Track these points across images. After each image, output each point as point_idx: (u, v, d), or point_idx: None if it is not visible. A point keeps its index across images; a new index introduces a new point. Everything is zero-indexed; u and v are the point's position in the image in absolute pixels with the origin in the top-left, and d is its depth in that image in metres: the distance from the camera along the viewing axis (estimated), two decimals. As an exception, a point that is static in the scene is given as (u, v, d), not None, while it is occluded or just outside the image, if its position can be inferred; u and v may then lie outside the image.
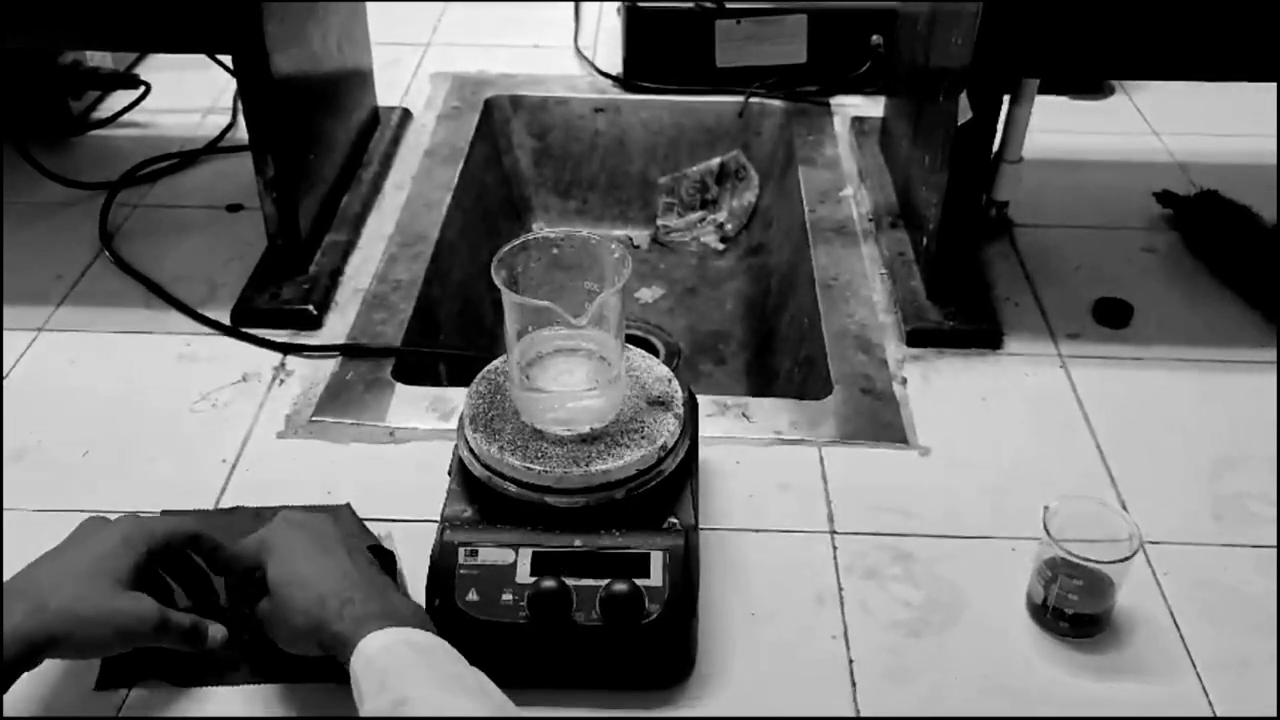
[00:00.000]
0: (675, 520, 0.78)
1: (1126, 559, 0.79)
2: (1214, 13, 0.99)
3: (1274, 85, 1.06)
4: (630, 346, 0.85)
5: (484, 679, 0.67)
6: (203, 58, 1.30)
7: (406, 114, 1.51)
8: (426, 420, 1.01)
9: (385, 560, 0.84)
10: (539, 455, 0.77)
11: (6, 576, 0.70)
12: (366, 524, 0.88)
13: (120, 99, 1.47)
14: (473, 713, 0.64)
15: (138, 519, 0.76)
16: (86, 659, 0.73)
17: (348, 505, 0.89)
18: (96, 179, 1.33)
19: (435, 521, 0.79)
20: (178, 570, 0.78)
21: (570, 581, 0.74)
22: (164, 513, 0.88)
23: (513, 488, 0.77)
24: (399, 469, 0.96)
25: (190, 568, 0.79)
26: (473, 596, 0.75)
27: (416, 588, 0.79)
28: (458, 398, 1.02)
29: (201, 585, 0.79)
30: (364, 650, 0.67)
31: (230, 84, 1.47)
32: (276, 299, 1.14)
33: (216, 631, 0.75)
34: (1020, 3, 0.98)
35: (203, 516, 0.90)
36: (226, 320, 1.12)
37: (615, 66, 1.61)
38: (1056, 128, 1.41)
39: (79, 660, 0.75)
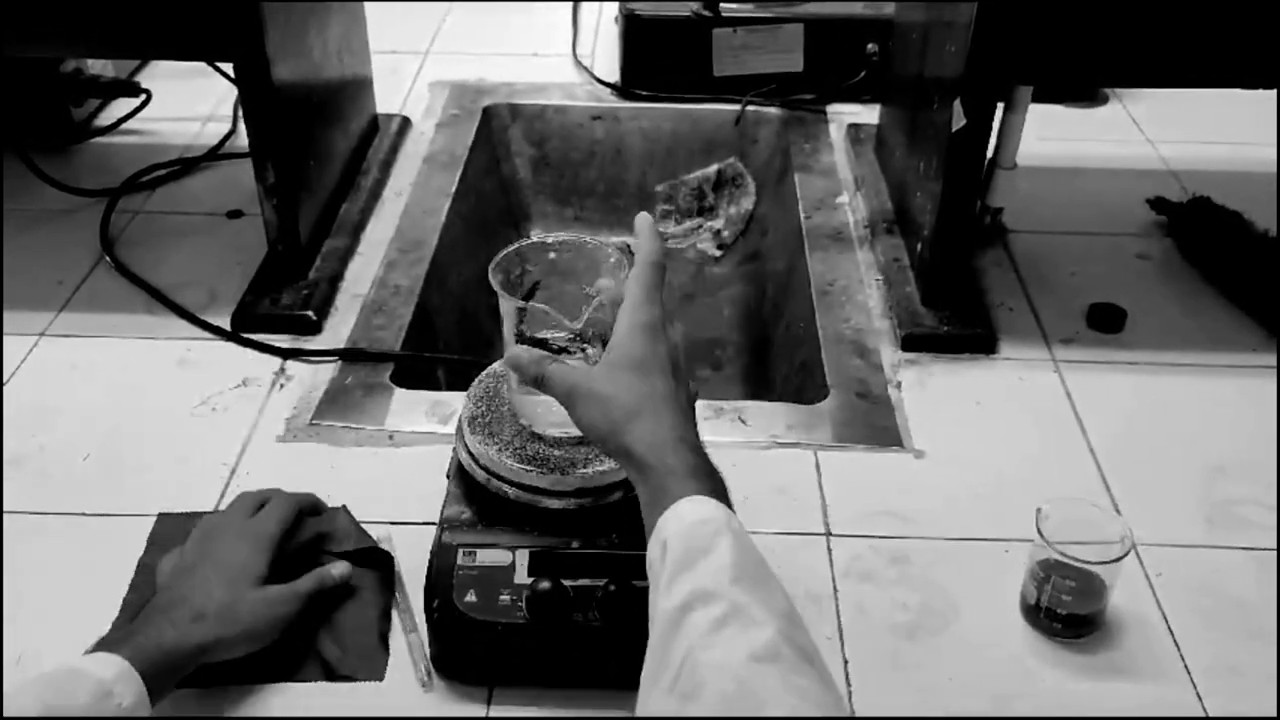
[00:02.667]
0: (672, 522, 0.78)
1: (1118, 560, 0.80)
2: (1206, 20, 1.00)
3: (1265, 93, 1.07)
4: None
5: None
6: (203, 66, 1.31)
7: (406, 122, 1.52)
8: (425, 424, 1.02)
9: (383, 562, 0.85)
10: (537, 458, 0.78)
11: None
12: (365, 526, 0.88)
13: (121, 107, 1.48)
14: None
15: (254, 523, 0.82)
16: (240, 655, 0.76)
17: (343, 508, 0.90)
18: (98, 186, 1.33)
19: (434, 524, 0.80)
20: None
21: (568, 582, 0.75)
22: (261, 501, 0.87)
23: (511, 490, 0.78)
24: (398, 472, 0.97)
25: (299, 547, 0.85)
26: (471, 597, 0.76)
27: (415, 589, 0.80)
28: (456, 402, 1.03)
29: (310, 552, 0.85)
30: (687, 510, 0.64)
31: (230, 92, 1.48)
32: (276, 304, 1.15)
33: (338, 570, 0.82)
34: (1013, 11, 0.99)
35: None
36: (227, 326, 1.13)
37: (613, 75, 1.62)
38: (1051, 135, 1.42)
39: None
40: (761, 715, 0.54)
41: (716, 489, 0.66)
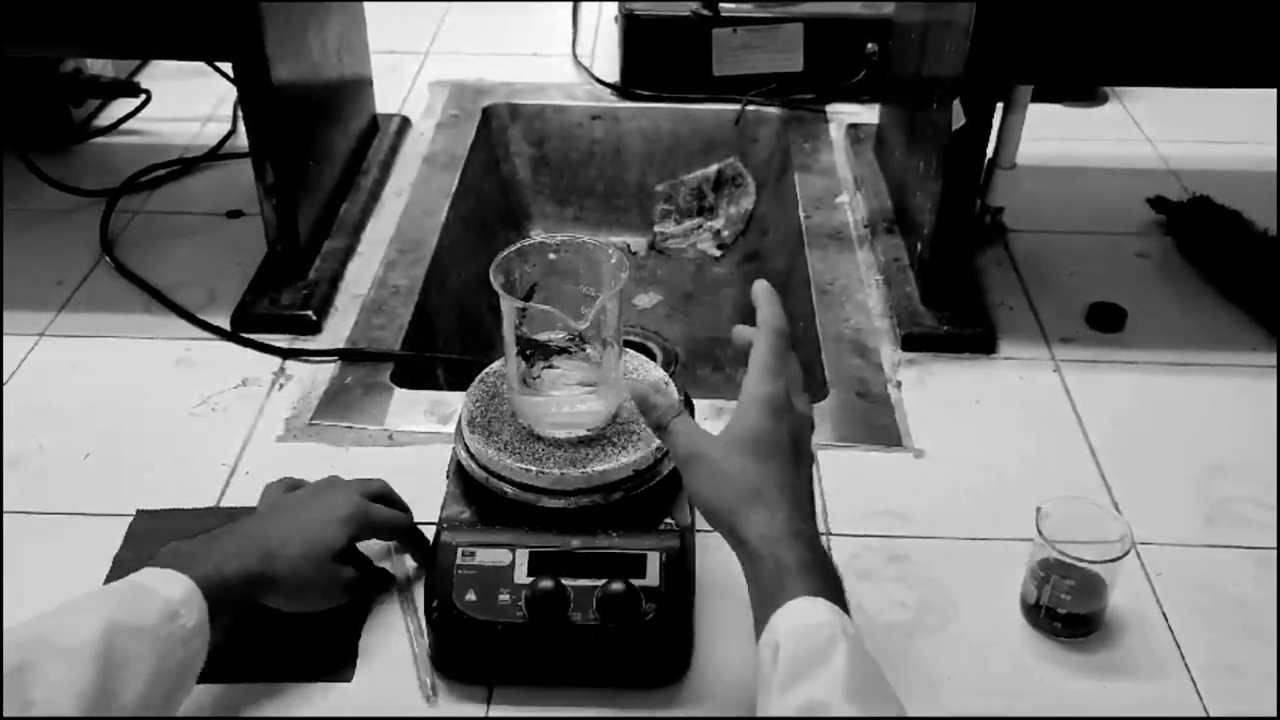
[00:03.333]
0: (671, 521, 0.78)
1: (1118, 559, 0.80)
2: (1205, 19, 1.00)
3: (1265, 91, 1.07)
4: (627, 350, 0.86)
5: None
6: (202, 66, 1.31)
7: (405, 121, 1.52)
8: (425, 424, 1.02)
9: (380, 581, 0.85)
10: (536, 457, 0.78)
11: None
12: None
13: (121, 107, 1.48)
14: None
15: (357, 501, 0.81)
16: (290, 609, 0.77)
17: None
18: (97, 186, 1.33)
19: (434, 523, 0.80)
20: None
21: (567, 582, 0.75)
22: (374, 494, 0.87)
23: (510, 489, 0.78)
24: (398, 472, 0.96)
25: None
26: (471, 597, 0.76)
27: (415, 588, 0.80)
28: (456, 401, 1.03)
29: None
30: (803, 612, 0.63)
31: (230, 92, 1.48)
32: (276, 304, 1.15)
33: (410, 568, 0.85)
34: (1012, 11, 0.99)
35: (209, 514, 0.91)
36: (226, 325, 1.13)
37: (613, 75, 1.62)
38: (1050, 134, 1.41)
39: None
40: None
41: (830, 588, 0.65)
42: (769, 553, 0.65)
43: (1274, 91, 1.08)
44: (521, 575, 0.76)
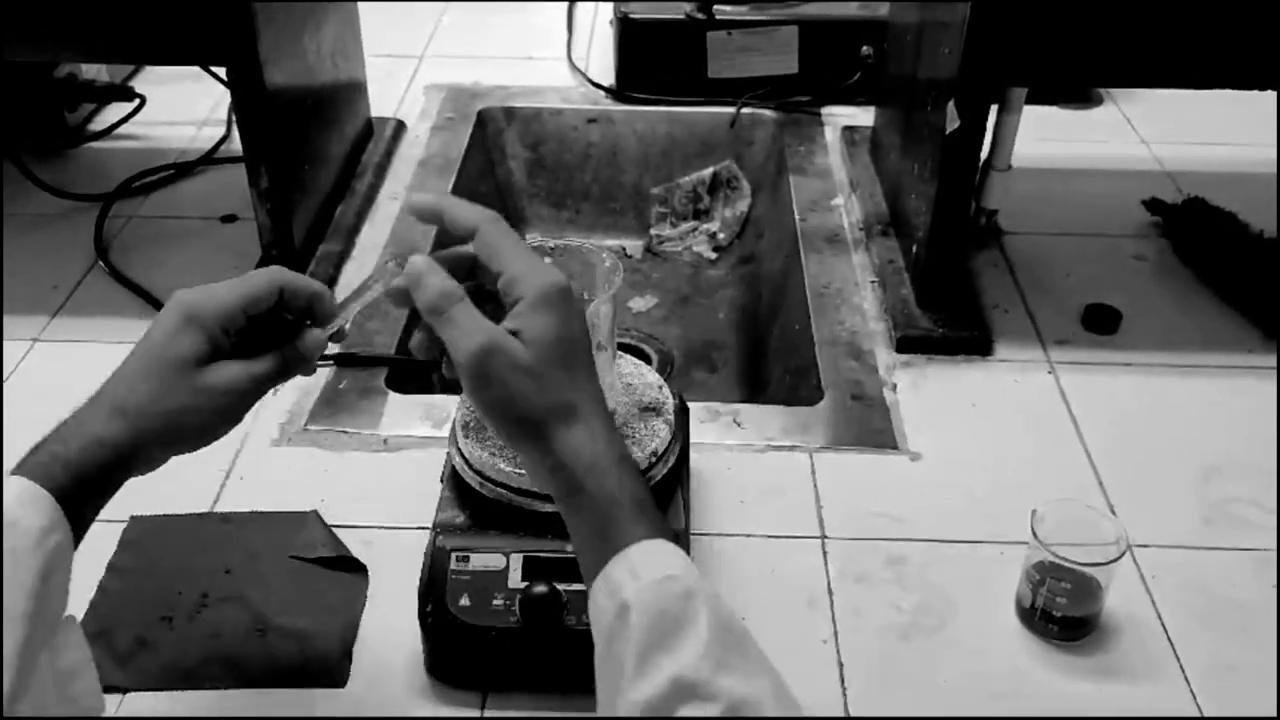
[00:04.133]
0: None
1: (1113, 561, 0.80)
2: (1200, 21, 1.00)
3: (1259, 93, 1.07)
4: (623, 354, 0.86)
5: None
6: (197, 70, 1.31)
7: (400, 125, 1.52)
8: (419, 428, 1.02)
9: (356, 570, 0.85)
10: (530, 461, 0.78)
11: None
12: (358, 532, 0.88)
13: (115, 111, 1.48)
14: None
15: (192, 292, 0.65)
16: (180, 452, 0.65)
17: (314, 513, 0.90)
18: (92, 190, 1.33)
19: (428, 528, 0.80)
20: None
21: (561, 586, 0.75)
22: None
23: (504, 494, 0.78)
24: (392, 477, 0.96)
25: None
26: (465, 601, 0.75)
27: (409, 593, 0.79)
28: (450, 406, 1.03)
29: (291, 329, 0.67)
30: (645, 566, 0.56)
31: (225, 96, 1.47)
32: (271, 309, 1.15)
33: (310, 341, 0.66)
34: (1006, 13, 0.99)
35: (203, 519, 0.91)
36: (221, 330, 1.13)
37: (608, 78, 1.62)
38: (1046, 136, 1.42)
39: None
40: None
41: (663, 525, 0.59)
42: (596, 484, 0.57)
43: (1266, 93, 1.08)
44: (516, 580, 0.76)
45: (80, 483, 0.61)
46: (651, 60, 1.58)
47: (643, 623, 0.54)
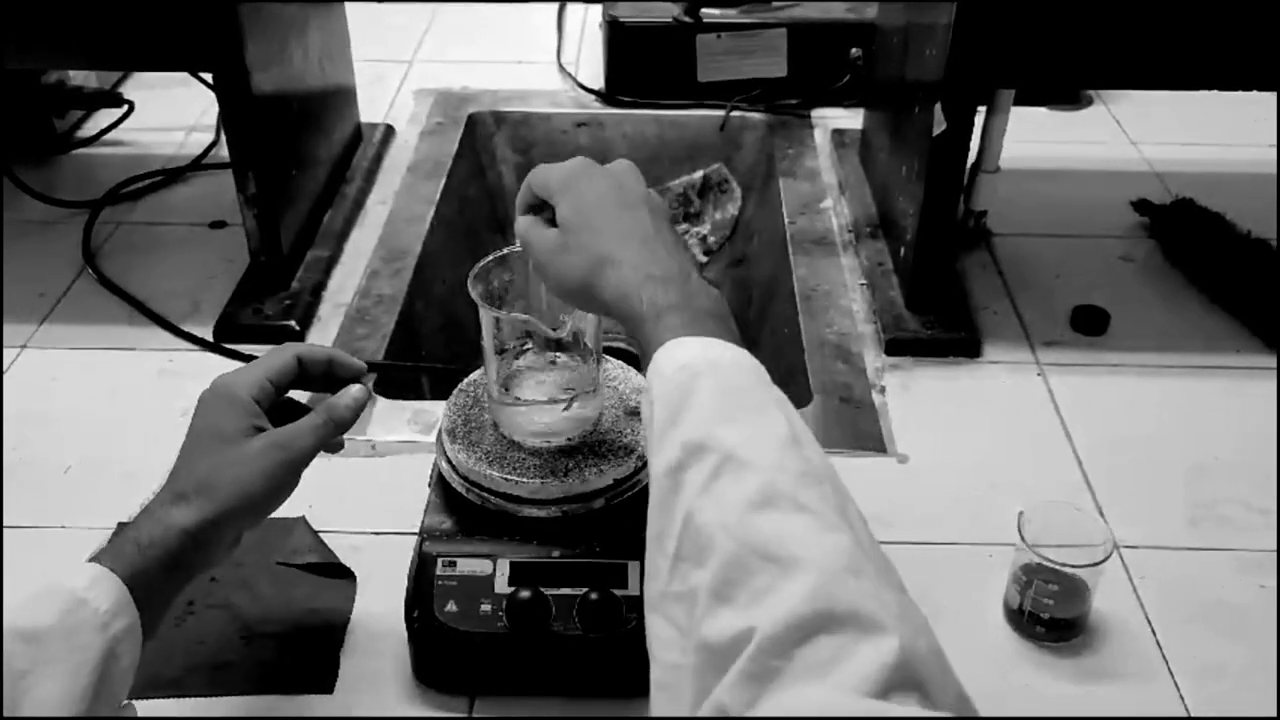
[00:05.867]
0: (653, 529, 0.78)
1: (1100, 563, 0.80)
2: (1189, 22, 1.00)
3: (1248, 94, 1.07)
4: (608, 358, 0.85)
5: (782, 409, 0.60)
6: (186, 76, 1.31)
7: (389, 130, 1.52)
8: (408, 433, 1.02)
9: (343, 576, 0.85)
10: (517, 467, 0.77)
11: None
12: (346, 537, 0.88)
13: (104, 118, 1.48)
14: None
15: (226, 380, 0.72)
16: (247, 526, 0.70)
17: (303, 519, 0.90)
18: (80, 197, 1.33)
19: (415, 534, 0.79)
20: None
21: (548, 591, 0.75)
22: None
23: (491, 499, 0.78)
24: (380, 481, 0.96)
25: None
26: (452, 607, 0.75)
27: (396, 599, 0.79)
28: (438, 411, 1.02)
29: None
30: (664, 362, 0.60)
31: (213, 102, 1.47)
32: (259, 315, 1.14)
33: (351, 397, 0.74)
34: (992, 14, 0.99)
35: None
36: (209, 336, 1.13)
37: (597, 81, 1.62)
38: (1034, 138, 1.42)
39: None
40: (774, 561, 0.51)
41: (694, 318, 0.62)
42: (627, 310, 0.63)
43: (1257, 94, 1.08)
44: (503, 585, 0.76)
45: (151, 568, 0.64)
46: (641, 64, 1.58)
47: (660, 408, 0.59)
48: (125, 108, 1.46)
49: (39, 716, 0.57)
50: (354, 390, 0.75)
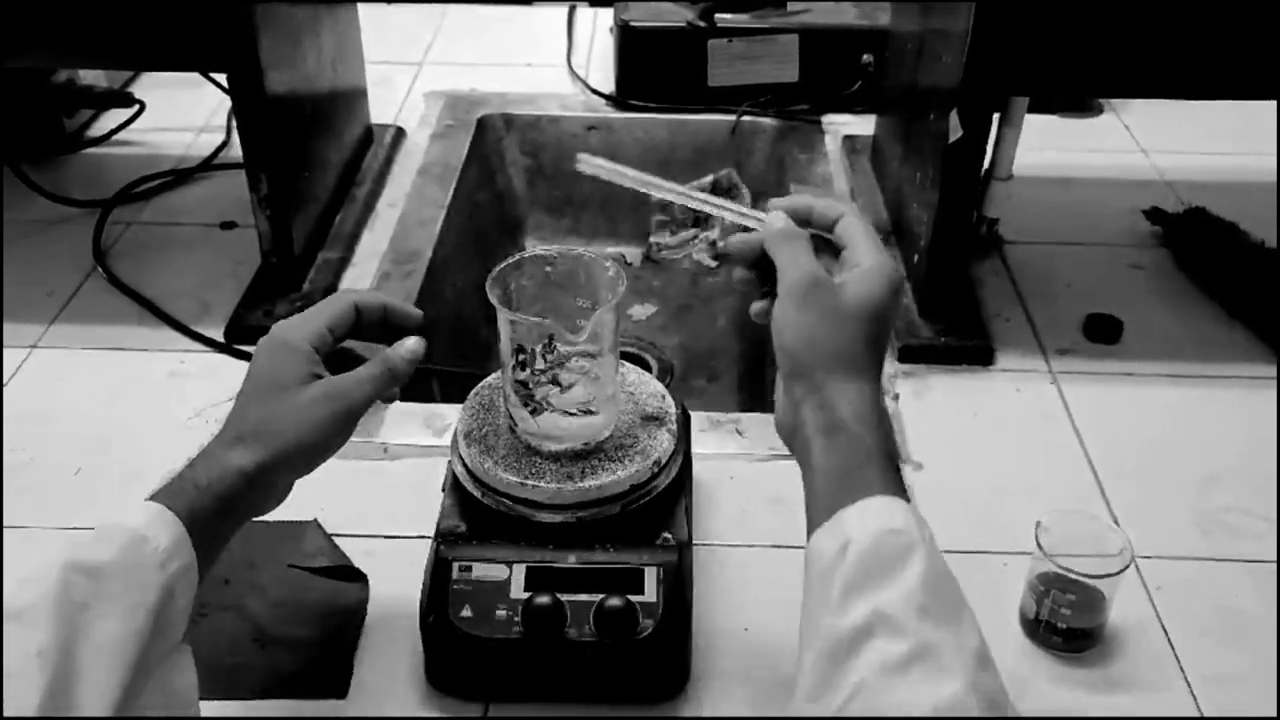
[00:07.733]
0: (669, 536, 0.78)
1: (1118, 573, 0.79)
2: (1202, 31, 1.00)
3: (1260, 103, 1.07)
4: (624, 363, 0.85)
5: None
6: (196, 76, 1.30)
7: (400, 132, 1.51)
8: (420, 437, 1.01)
9: (356, 579, 0.85)
10: (533, 471, 0.77)
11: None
12: (359, 541, 0.88)
13: (114, 117, 1.47)
14: None
15: (283, 326, 0.72)
16: (303, 471, 0.70)
17: (315, 521, 0.89)
18: (90, 197, 1.33)
19: (429, 538, 0.79)
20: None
21: (564, 597, 0.74)
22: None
23: (506, 503, 0.77)
24: (393, 485, 0.96)
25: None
26: (467, 612, 0.75)
27: (410, 603, 0.79)
28: (451, 414, 1.02)
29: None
30: (864, 520, 0.59)
31: (224, 103, 1.47)
32: (270, 316, 1.14)
33: (408, 348, 0.73)
34: (1009, 23, 0.99)
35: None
36: (220, 337, 1.13)
37: (608, 85, 1.62)
38: (1047, 146, 1.42)
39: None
40: None
41: (901, 488, 0.62)
42: (862, 430, 0.61)
43: (1267, 103, 1.08)
44: (518, 590, 0.75)
45: (208, 509, 0.64)
46: (652, 68, 1.58)
47: (858, 560, 0.57)
48: (136, 107, 1.46)
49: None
50: (410, 342, 0.74)
